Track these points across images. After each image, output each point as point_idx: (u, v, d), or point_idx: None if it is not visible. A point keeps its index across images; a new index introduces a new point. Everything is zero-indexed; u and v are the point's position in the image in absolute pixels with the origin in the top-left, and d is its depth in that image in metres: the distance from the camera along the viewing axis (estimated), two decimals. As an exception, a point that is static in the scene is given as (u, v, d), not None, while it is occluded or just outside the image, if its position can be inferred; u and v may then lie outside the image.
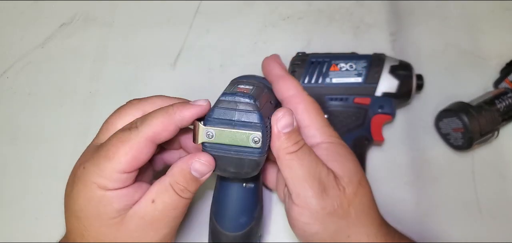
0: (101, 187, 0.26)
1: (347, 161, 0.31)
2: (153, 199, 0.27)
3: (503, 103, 0.41)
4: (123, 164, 0.26)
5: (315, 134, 0.32)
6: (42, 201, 0.43)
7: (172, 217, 0.28)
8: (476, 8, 0.50)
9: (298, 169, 0.28)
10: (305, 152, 0.29)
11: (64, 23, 0.53)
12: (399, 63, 0.41)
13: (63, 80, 0.49)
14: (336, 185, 0.29)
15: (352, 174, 0.30)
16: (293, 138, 0.28)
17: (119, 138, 0.27)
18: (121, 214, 0.27)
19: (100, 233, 0.27)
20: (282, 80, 0.34)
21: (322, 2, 0.52)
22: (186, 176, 0.28)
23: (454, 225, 0.40)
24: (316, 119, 0.33)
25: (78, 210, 0.27)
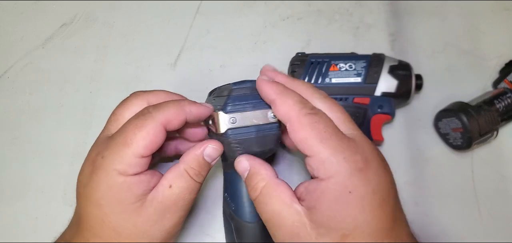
0: (122, 173, 0.28)
1: (335, 210, 0.26)
2: (170, 184, 0.29)
3: (502, 103, 0.41)
4: (141, 149, 0.28)
5: (319, 168, 0.26)
6: (42, 201, 0.43)
7: (187, 200, 0.30)
8: (476, 8, 0.50)
9: (263, 217, 0.28)
10: (264, 199, 0.28)
11: (65, 23, 0.53)
12: (398, 63, 0.41)
13: (64, 80, 0.49)
14: (305, 235, 0.26)
15: (335, 226, 0.26)
16: (249, 183, 0.29)
17: (135, 124, 0.29)
18: (140, 199, 0.28)
19: (120, 219, 0.28)
20: (274, 106, 0.29)
21: (322, 2, 0.52)
22: (200, 161, 0.30)
23: (453, 225, 0.40)
24: (318, 149, 0.26)
25: (99, 197, 0.28)
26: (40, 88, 0.49)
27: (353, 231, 0.25)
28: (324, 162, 0.26)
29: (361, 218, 0.25)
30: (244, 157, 0.30)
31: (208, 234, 0.40)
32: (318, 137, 0.26)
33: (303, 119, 0.27)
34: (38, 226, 0.41)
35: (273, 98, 0.29)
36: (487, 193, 0.41)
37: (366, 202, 0.25)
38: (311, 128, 0.27)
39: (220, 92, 0.32)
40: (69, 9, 0.53)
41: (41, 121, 0.47)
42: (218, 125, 0.30)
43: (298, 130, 0.27)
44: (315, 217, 0.26)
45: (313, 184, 0.27)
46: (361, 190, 0.25)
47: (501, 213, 0.40)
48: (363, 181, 0.26)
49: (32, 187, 0.44)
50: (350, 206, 0.25)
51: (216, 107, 0.31)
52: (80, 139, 0.46)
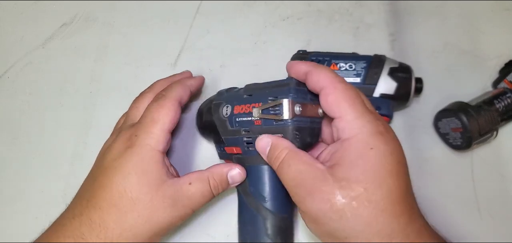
0: (153, 147, 0.33)
1: (356, 164, 0.28)
2: (191, 182, 0.34)
3: (502, 103, 0.41)
4: (167, 124, 0.34)
5: (344, 128, 0.29)
6: (42, 201, 0.43)
7: (198, 202, 0.34)
8: (476, 8, 0.50)
9: (285, 181, 0.30)
10: (287, 163, 0.30)
11: (65, 23, 0.53)
12: (399, 65, 0.41)
13: (64, 80, 0.49)
14: (326, 189, 0.27)
15: (356, 179, 0.27)
16: (272, 154, 0.31)
17: (157, 105, 0.35)
18: (162, 177, 0.33)
19: (142, 191, 0.32)
20: (313, 73, 0.31)
21: (322, 2, 0.52)
22: (222, 177, 0.35)
23: (453, 225, 0.40)
24: (348, 110, 0.29)
25: (130, 167, 0.32)
26: (40, 88, 0.49)
27: (372, 186, 0.27)
28: (350, 122, 0.29)
29: (380, 174, 0.27)
30: (263, 135, 0.32)
31: (208, 234, 0.40)
32: (348, 101, 0.29)
33: (337, 85, 0.30)
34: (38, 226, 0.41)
35: (308, 70, 0.31)
36: (487, 193, 0.41)
37: (385, 160, 0.28)
38: (343, 92, 0.29)
39: (270, 86, 0.33)
40: (69, 9, 0.53)
41: (41, 121, 0.47)
42: (284, 112, 0.31)
43: (332, 93, 0.29)
44: (337, 172, 0.28)
45: (335, 146, 0.30)
46: (381, 148, 0.28)
47: (501, 213, 0.40)
48: (383, 142, 0.28)
49: (32, 187, 0.44)
50: (371, 161, 0.28)
51: (277, 96, 0.32)
52: (80, 139, 0.46)
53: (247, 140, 0.34)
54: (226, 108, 0.35)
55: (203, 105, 0.40)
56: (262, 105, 0.32)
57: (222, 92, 0.38)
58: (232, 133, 0.35)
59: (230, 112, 0.35)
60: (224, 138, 0.36)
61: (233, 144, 0.35)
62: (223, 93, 0.37)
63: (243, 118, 0.34)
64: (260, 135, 0.32)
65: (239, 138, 0.34)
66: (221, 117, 0.35)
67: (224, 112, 0.35)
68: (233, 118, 0.34)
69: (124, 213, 0.31)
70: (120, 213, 0.31)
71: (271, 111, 0.32)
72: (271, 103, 0.31)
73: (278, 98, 0.31)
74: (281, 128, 0.31)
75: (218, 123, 0.36)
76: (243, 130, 0.34)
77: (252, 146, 0.34)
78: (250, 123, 0.33)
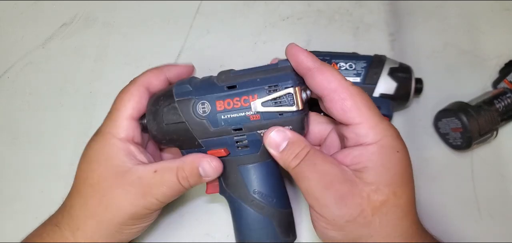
0: (114, 135, 0.32)
1: (387, 167, 0.27)
2: (156, 170, 0.31)
3: (502, 103, 0.41)
4: (129, 110, 0.32)
5: (368, 134, 0.27)
6: (42, 201, 0.43)
7: (162, 192, 0.31)
8: (475, 8, 0.50)
9: (307, 181, 0.28)
10: (310, 162, 0.28)
11: (65, 23, 0.53)
12: (399, 66, 0.41)
13: (64, 80, 0.49)
14: (357, 192, 0.27)
15: (385, 182, 0.27)
16: (291, 153, 0.28)
17: (121, 92, 0.33)
18: (125, 164, 0.31)
19: (102, 177, 0.31)
20: (318, 72, 0.28)
21: (322, 2, 0.52)
22: (193, 170, 0.31)
23: (453, 225, 0.40)
24: (369, 115, 0.27)
25: (91, 154, 0.32)
26: (40, 88, 0.49)
27: (400, 189, 0.27)
28: (373, 127, 0.27)
29: (406, 177, 0.28)
30: (275, 130, 0.29)
31: (208, 234, 0.40)
32: (366, 105, 0.28)
33: (350, 88, 0.28)
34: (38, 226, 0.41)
35: (312, 66, 0.28)
36: (487, 193, 0.41)
37: (407, 162, 0.28)
38: (360, 97, 0.28)
39: (272, 69, 0.30)
40: (69, 9, 0.53)
41: (41, 121, 0.47)
42: (297, 101, 0.28)
43: (347, 98, 0.27)
44: (366, 176, 0.27)
45: (358, 150, 0.28)
46: (404, 151, 0.28)
47: (501, 213, 0.40)
48: (404, 145, 0.28)
49: (32, 187, 0.44)
50: (399, 165, 0.27)
51: (277, 84, 0.29)
52: (80, 139, 0.46)
53: (238, 139, 0.30)
54: (201, 105, 0.30)
55: (157, 105, 0.31)
56: (262, 97, 0.29)
57: (184, 86, 0.31)
58: (216, 134, 0.30)
59: (210, 109, 0.30)
60: (203, 141, 0.31)
61: (218, 146, 0.31)
62: (185, 87, 0.31)
63: (232, 115, 0.29)
64: (270, 129, 0.29)
65: (227, 139, 0.30)
66: (196, 117, 0.30)
67: (199, 110, 0.30)
68: (216, 116, 0.29)
69: (85, 199, 0.31)
70: (83, 199, 0.32)
71: (276, 102, 0.29)
72: (274, 94, 0.28)
73: (280, 86, 0.28)
74: (289, 120, 0.29)
75: (192, 125, 0.30)
76: (233, 129, 0.30)
77: (245, 145, 0.31)
78: (243, 120, 0.29)
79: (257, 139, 0.30)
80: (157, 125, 0.31)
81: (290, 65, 0.30)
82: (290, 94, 0.28)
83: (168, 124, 0.31)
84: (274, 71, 0.29)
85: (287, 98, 0.28)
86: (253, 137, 0.30)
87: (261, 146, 0.31)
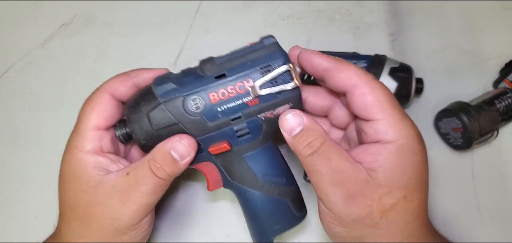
0: (80, 149, 0.29)
1: (403, 170, 0.26)
2: (128, 172, 0.29)
3: (502, 103, 0.41)
4: (93, 120, 0.30)
5: (388, 131, 0.26)
6: (42, 201, 0.43)
7: (141, 193, 0.28)
8: (476, 8, 0.50)
9: (319, 175, 0.27)
10: (325, 156, 0.26)
11: (65, 23, 0.53)
12: (400, 65, 0.41)
13: (63, 80, 0.49)
14: (369, 193, 0.26)
15: (399, 185, 0.26)
16: (303, 140, 0.27)
17: (85, 101, 0.31)
18: (95, 180, 0.29)
19: (76, 197, 0.29)
20: (337, 71, 0.27)
21: (322, 2, 0.52)
22: (165, 155, 0.28)
23: (453, 225, 0.40)
24: (390, 112, 0.26)
25: (62, 174, 0.30)
26: (40, 88, 0.49)
27: (412, 193, 0.26)
28: (394, 125, 0.26)
29: (421, 181, 0.27)
30: (292, 112, 0.28)
31: (208, 234, 0.40)
32: (389, 101, 0.27)
33: (373, 83, 0.27)
34: (38, 226, 0.41)
35: (330, 66, 0.28)
36: (487, 193, 0.41)
37: (425, 166, 0.27)
38: (382, 92, 0.27)
39: (258, 48, 0.29)
40: (69, 9, 0.53)
41: (41, 121, 0.47)
42: (295, 78, 0.28)
43: (369, 93, 0.26)
44: (381, 176, 0.26)
45: (375, 147, 0.26)
46: (423, 154, 0.27)
47: (501, 213, 0.40)
48: (424, 148, 0.27)
49: (32, 187, 0.44)
50: (416, 168, 0.26)
51: (269, 64, 0.28)
52: (80, 139, 0.46)
53: (238, 128, 0.29)
54: (192, 101, 0.28)
55: (140, 111, 0.29)
56: (257, 80, 0.27)
57: (166, 84, 0.29)
58: (215, 128, 0.29)
59: (205, 104, 0.28)
60: (201, 139, 0.29)
61: (218, 140, 0.29)
62: (168, 85, 0.29)
63: (229, 105, 0.28)
64: (286, 111, 0.28)
65: (228, 130, 0.29)
66: (189, 114, 0.28)
67: (191, 107, 0.28)
68: (212, 109, 0.28)
69: (69, 221, 0.30)
70: (67, 222, 0.30)
71: (274, 83, 0.28)
72: (272, 74, 0.27)
73: (272, 65, 0.28)
74: (288, 98, 0.28)
75: (186, 124, 0.28)
76: (232, 119, 0.29)
77: (245, 133, 0.29)
78: (242, 107, 0.28)
79: (258, 123, 0.29)
80: (145, 133, 0.29)
81: (275, 40, 0.29)
82: (288, 72, 0.28)
83: (158, 129, 0.29)
84: (261, 51, 0.28)
85: (284, 76, 0.28)
86: (254, 123, 0.29)
87: (263, 130, 0.30)
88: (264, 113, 0.29)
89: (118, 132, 0.31)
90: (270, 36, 0.29)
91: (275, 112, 0.29)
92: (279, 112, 0.29)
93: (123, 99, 0.31)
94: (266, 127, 0.30)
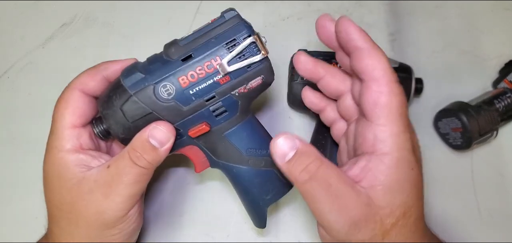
0: (60, 149, 0.29)
1: (401, 186, 0.25)
2: (109, 165, 0.29)
3: (502, 103, 0.41)
4: (67, 119, 0.30)
5: (386, 140, 0.25)
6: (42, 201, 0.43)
7: (123, 184, 0.28)
8: (475, 8, 0.50)
9: (319, 203, 0.25)
10: (324, 181, 0.25)
11: (65, 23, 0.53)
12: (399, 66, 0.41)
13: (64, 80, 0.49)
14: (371, 217, 0.25)
15: (399, 203, 0.25)
16: (299, 165, 0.25)
17: (57, 101, 0.31)
18: (78, 177, 0.29)
19: (61, 196, 0.29)
20: (367, 55, 0.26)
21: (322, 2, 0.52)
22: (143, 143, 0.28)
23: (453, 225, 0.40)
24: (395, 122, 0.25)
25: (45, 176, 0.30)
26: (40, 88, 0.49)
27: (410, 210, 0.26)
28: (394, 135, 0.25)
29: (417, 197, 0.26)
30: (283, 136, 0.26)
31: (208, 234, 0.40)
32: (399, 110, 0.25)
33: (394, 86, 0.25)
34: (38, 226, 0.41)
35: (365, 46, 0.26)
36: (487, 193, 0.41)
37: (420, 180, 0.27)
38: (398, 99, 0.25)
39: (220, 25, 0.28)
40: (69, 9, 0.53)
41: (41, 121, 0.47)
42: (261, 49, 0.27)
43: (386, 93, 0.25)
44: (379, 196, 0.25)
45: (373, 162, 0.25)
46: (418, 169, 0.26)
47: (501, 212, 0.40)
48: (418, 161, 0.26)
49: (32, 187, 0.44)
50: (413, 183, 0.26)
51: (233, 38, 0.27)
52: (80, 139, 0.46)
53: (214, 108, 0.29)
54: (163, 88, 0.28)
55: (113, 105, 0.29)
56: (225, 57, 0.27)
57: (134, 75, 0.28)
58: (190, 112, 0.29)
59: (176, 89, 0.28)
60: (179, 124, 0.29)
61: (196, 122, 0.29)
62: (136, 75, 0.28)
63: (200, 86, 0.28)
64: (277, 135, 0.26)
65: (204, 111, 0.29)
66: (162, 102, 0.28)
67: (163, 94, 0.28)
68: (184, 93, 0.28)
69: (57, 221, 0.30)
70: (56, 222, 0.30)
71: (241, 57, 0.27)
72: (237, 48, 0.27)
73: (237, 39, 0.27)
74: (259, 70, 0.28)
75: (160, 112, 0.28)
76: (206, 100, 0.28)
77: (223, 111, 0.29)
78: (214, 86, 0.28)
79: (233, 100, 0.29)
80: (122, 127, 0.29)
81: (237, 13, 0.28)
82: (253, 43, 0.27)
83: (134, 121, 0.29)
84: (224, 25, 0.28)
85: (250, 48, 0.27)
86: (229, 100, 0.29)
87: (239, 106, 0.30)
88: (238, 89, 0.29)
89: (96, 130, 0.31)
90: (231, 9, 0.28)
91: (248, 86, 0.29)
92: (252, 86, 0.29)
93: (95, 94, 0.31)
94: (242, 102, 0.30)
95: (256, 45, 0.27)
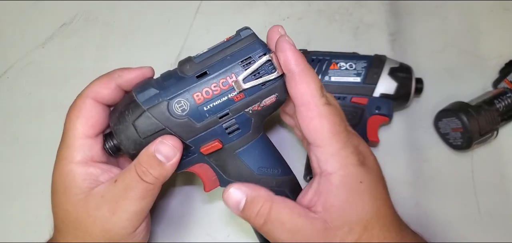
0: (69, 160, 0.28)
1: (353, 202, 0.26)
2: (116, 179, 0.28)
3: (502, 103, 0.41)
4: (79, 129, 0.29)
5: (328, 161, 0.26)
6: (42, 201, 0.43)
7: (130, 199, 0.28)
8: (476, 8, 0.50)
9: (278, 239, 0.26)
10: (277, 221, 0.26)
11: (65, 23, 0.53)
12: (400, 65, 0.41)
13: (64, 80, 0.49)
14: (331, 240, 0.25)
15: (356, 219, 0.25)
16: (252, 211, 0.27)
17: (69, 109, 0.30)
18: (85, 192, 0.28)
19: (65, 209, 0.28)
20: (298, 80, 0.26)
21: (322, 2, 0.52)
22: (150, 158, 0.27)
23: (453, 224, 0.40)
24: (330, 141, 0.26)
25: (52, 187, 0.29)
26: (40, 88, 0.49)
27: (371, 221, 0.26)
28: (334, 154, 0.26)
29: (375, 207, 0.26)
30: (233, 187, 0.28)
31: (208, 234, 0.40)
32: (332, 130, 0.26)
33: (322, 109, 0.26)
34: (38, 226, 0.41)
35: (295, 70, 0.26)
36: (487, 192, 0.41)
37: (375, 189, 0.27)
38: (328, 119, 0.26)
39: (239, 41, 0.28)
40: (69, 9, 0.53)
41: (41, 121, 0.47)
42: (278, 65, 0.27)
43: (315, 117, 0.26)
44: (335, 218, 0.25)
45: (323, 184, 0.26)
46: (369, 179, 0.26)
47: (501, 212, 0.40)
48: (369, 171, 0.27)
49: (32, 187, 0.44)
50: (365, 196, 0.26)
51: (249, 56, 0.27)
52: (80, 139, 0.46)
53: (227, 125, 0.29)
54: (177, 104, 0.27)
55: (125, 121, 0.28)
56: (240, 74, 0.27)
57: (148, 90, 0.28)
58: (204, 128, 0.28)
59: (190, 106, 0.27)
60: (191, 141, 0.29)
61: (208, 140, 0.29)
62: (150, 91, 0.28)
63: (214, 103, 0.28)
64: (228, 186, 0.28)
65: (217, 129, 0.29)
66: (175, 118, 0.28)
67: (177, 110, 0.27)
68: (198, 110, 0.28)
69: (63, 235, 0.29)
70: (62, 236, 0.29)
71: (256, 75, 0.27)
72: (254, 66, 0.27)
73: (253, 57, 0.27)
74: (273, 88, 0.28)
75: (173, 128, 0.28)
76: (220, 117, 0.28)
77: (235, 128, 0.29)
78: (228, 103, 0.28)
79: (247, 118, 0.29)
80: (133, 143, 0.28)
81: (252, 31, 0.28)
82: (269, 61, 0.27)
83: (146, 137, 0.28)
84: (240, 44, 0.28)
85: (266, 66, 0.27)
86: (242, 117, 0.29)
87: (252, 124, 0.30)
88: (251, 106, 0.28)
89: (106, 145, 0.30)
90: (246, 28, 0.28)
91: (262, 104, 0.29)
92: (266, 104, 0.29)
93: (108, 102, 0.30)
94: (255, 120, 0.30)
95: (272, 63, 0.27)
